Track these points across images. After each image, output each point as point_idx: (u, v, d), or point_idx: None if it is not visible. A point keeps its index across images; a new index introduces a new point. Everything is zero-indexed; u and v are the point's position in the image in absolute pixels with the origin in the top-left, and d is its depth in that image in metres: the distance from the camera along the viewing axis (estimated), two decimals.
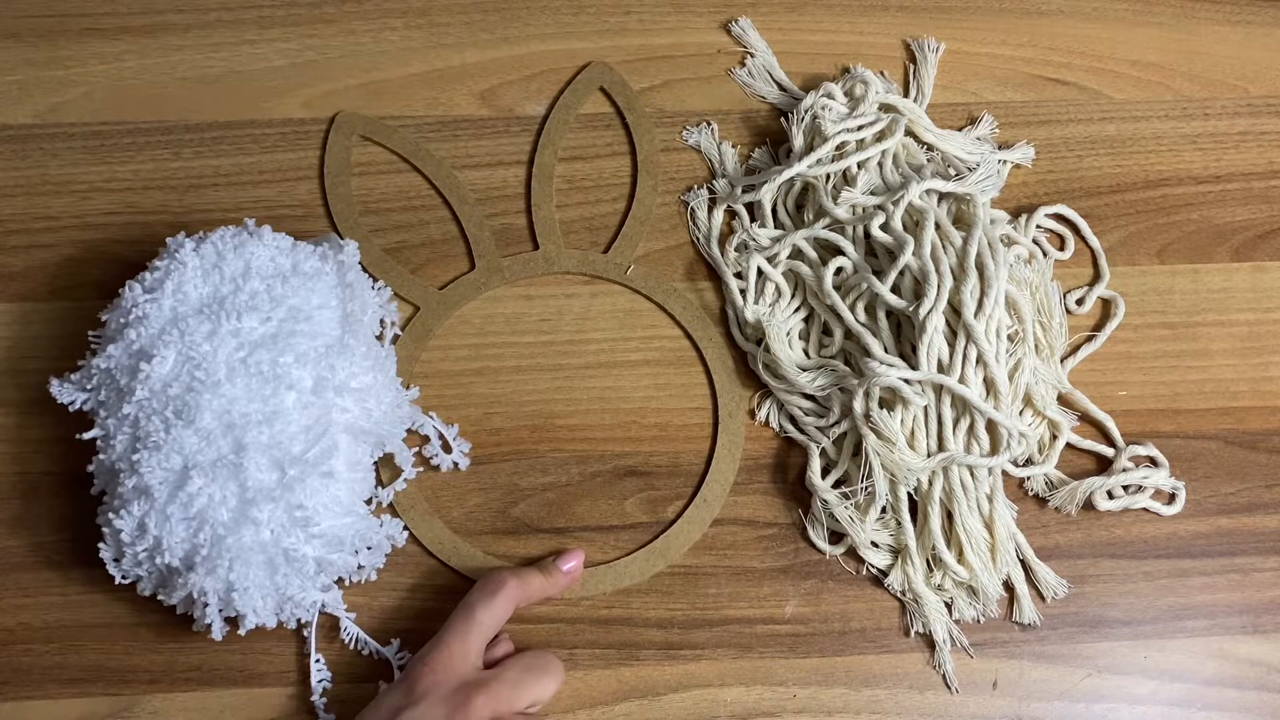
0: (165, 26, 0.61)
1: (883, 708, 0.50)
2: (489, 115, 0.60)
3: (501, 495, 0.53)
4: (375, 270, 0.56)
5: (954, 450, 0.51)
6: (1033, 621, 0.51)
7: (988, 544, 0.51)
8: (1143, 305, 0.58)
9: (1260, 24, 0.64)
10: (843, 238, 0.55)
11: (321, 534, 0.47)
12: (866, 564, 0.52)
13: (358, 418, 0.48)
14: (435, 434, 0.53)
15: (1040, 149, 0.61)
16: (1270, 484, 0.55)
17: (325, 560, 0.47)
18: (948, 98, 0.62)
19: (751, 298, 0.56)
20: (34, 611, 0.50)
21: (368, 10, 0.62)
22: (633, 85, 0.61)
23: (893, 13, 0.64)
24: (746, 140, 0.60)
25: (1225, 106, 0.62)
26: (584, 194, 0.59)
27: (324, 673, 0.49)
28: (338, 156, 0.58)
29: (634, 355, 0.56)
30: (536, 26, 0.62)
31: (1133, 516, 0.54)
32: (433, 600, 0.51)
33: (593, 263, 0.57)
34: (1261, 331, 0.58)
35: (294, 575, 0.46)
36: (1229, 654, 0.51)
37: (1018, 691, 0.50)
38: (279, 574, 0.46)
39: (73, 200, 0.57)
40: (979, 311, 0.51)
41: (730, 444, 0.54)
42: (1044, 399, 0.54)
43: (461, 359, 0.55)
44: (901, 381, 0.50)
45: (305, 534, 0.46)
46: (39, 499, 0.51)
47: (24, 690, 0.49)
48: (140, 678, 0.49)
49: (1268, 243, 0.59)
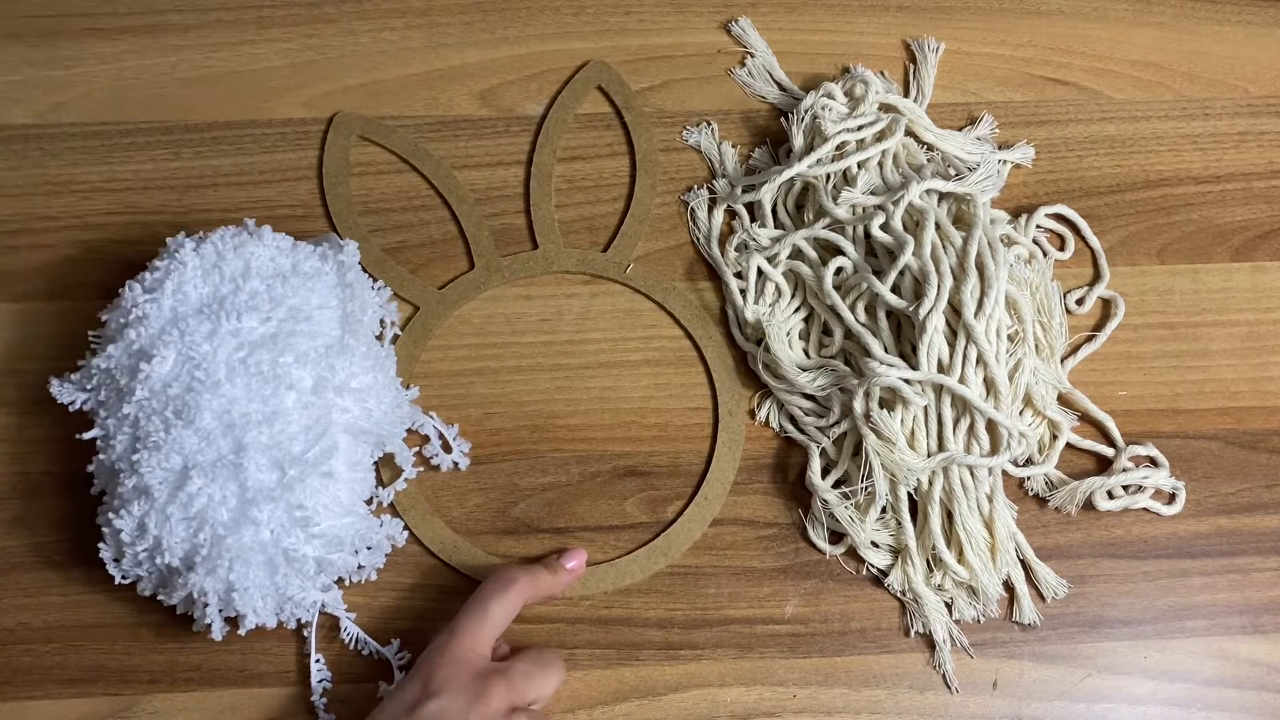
0: (165, 26, 0.61)
1: (883, 708, 0.50)
2: (489, 115, 0.60)
3: (501, 495, 0.53)
4: (375, 270, 0.56)
5: (954, 450, 0.51)
6: (1033, 621, 0.51)
7: (988, 544, 0.51)
8: (1143, 305, 0.58)
9: (1260, 24, 0.64)
10: (843, 238, 0.55)
11: (321, 534, 0.47)
12: (866, 564, 0.52)
13: (358, 418, 0.48)
14: (435, 434, 0.53)
15: (1040, 149, 0.61)
16: (1270, 484, 0.55)
17: (325, 560, 0.47)
18: (948, 98, 0.62)
19: (751, 298, 0.56)
20: (34, 611, 0.50)
21: (368, 10, 0.62)
22: (633, 85, 0.61)
23: (893, 13, 0.64)
24: (746, 140, 0.60)
25: (1225, 106, 0.62)
26: (584, 194, 0.59)
27: (324, 673, 0.49)
28: (336, 157, 0.58)
29: (634, 355, 0.56)
30: (536, 26, 0.62)
31: (1133, 516, 0.54)
32: (433, 600, 0.51)
33: (592, 261, 0.57)
34: (1261, 331, 0.58)
35: (294, 575, 0.46)
36: (1229, 654, 0.51)
37: (1018, 691, 0.50)
38: (279, 574, 0.46)
39: (73, 200, 0.57)
40: (979, 311, 0.51)
41: (730, 442, 0.54)
42: (1044, 399, 0.54)
43: (461, 359, 0.55)
44: (901, 381, 0.50)
45: (305, 534, 0.46)
46: (39, 499, 0.51)
47: (24, 690, 0.49)
48: (140, 678, 0.49)
49: (1268, 243, 0.59)
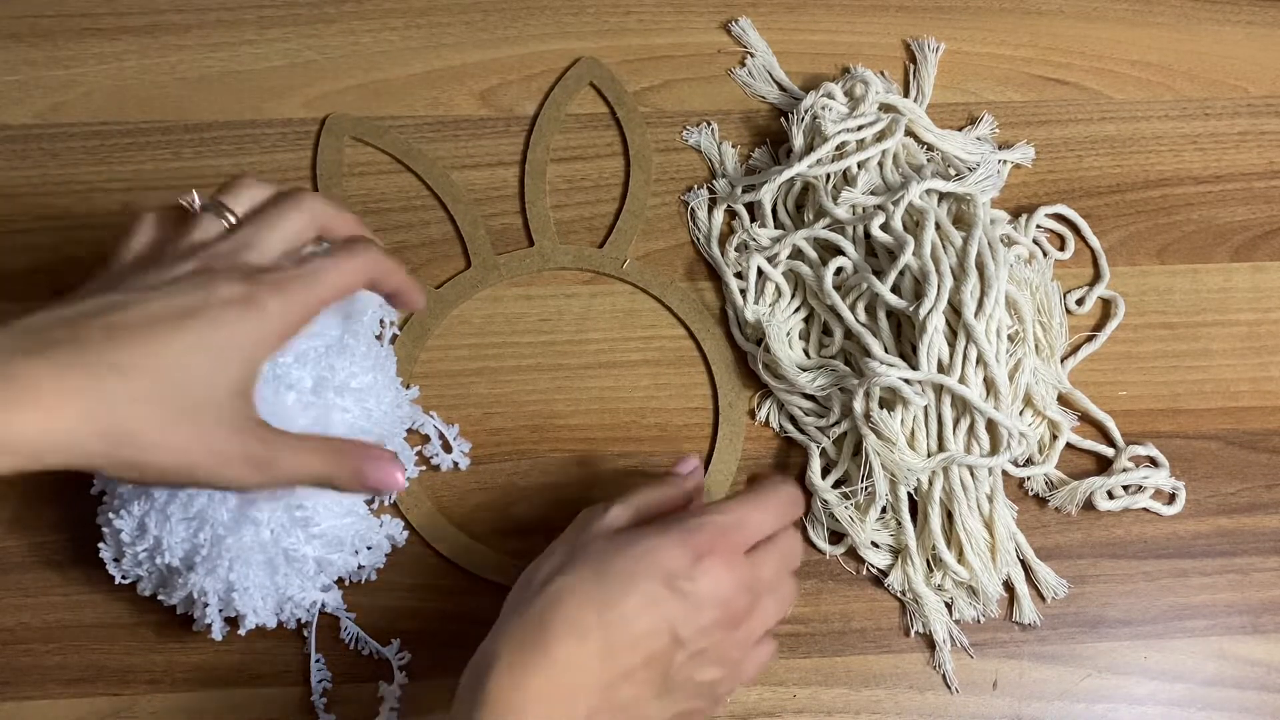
0: (165, 26, 0.61)
1: (883, 708, 0.50)
2: (489, 115, 0.60)
3: (501, 495, 0.53)
4: None
5: (954, 450, 0.51)
6: (1033, 621, 0.51)
7: (988, 544, 0.51)
8: (1143, 305, 0.58)
9: (1260, 24, 0.64)
10: (843, 238, 0.55)
11: (321, 534, 0.47)
12: (866, 564, 0.52)
13: (358, 418, 0.48)
14: (435, 434, 0.53)
15: (1040, 149, 0.61)
16: (1270, 484, 0.55)
17: (325, 560, 0.47)
18: (948, 98, 0.62)
19: (751, 298, 0.56)
20: (34, 611, 0.50)
21: (368, 10, 0.62)
22: (633, 85, 0.61)
23: (893, 13, 0.64)
24: (746, 140, 0.60)
25: (1225, 106, 0.62)
26: (584, 194, 0.59)
27: (324, 672, 0.49)
28: (329, 159, 0.58)
29: (634, 355, 0.56)
30: (536, 26, 0.62)
31: (1133, 516, 0.54)
32: (433, 600, 0.51)
33: (589, 257, 0.57)
34: (1261, 331, 0.58)
35: (294, 575, 0.46)
36: (1229, 654, 0.51)
37: (1018, 691, 0.50)
38: (279, 574, 0.46)
39: (73, 200, 0.57)
40: (979, 311, 0.51)
41: (731, 434, 0.54)
42: (1044, 399, 0.54)
43: (461, 359, 0.55)
44: (901, 381, 0.50)
45: (305, 534, 0.46)
46: (39, 499, 0.51)
47: (24, 690, 0.49)
48: (140, 678, 0.49)
49: (1268, 243, 0.59)
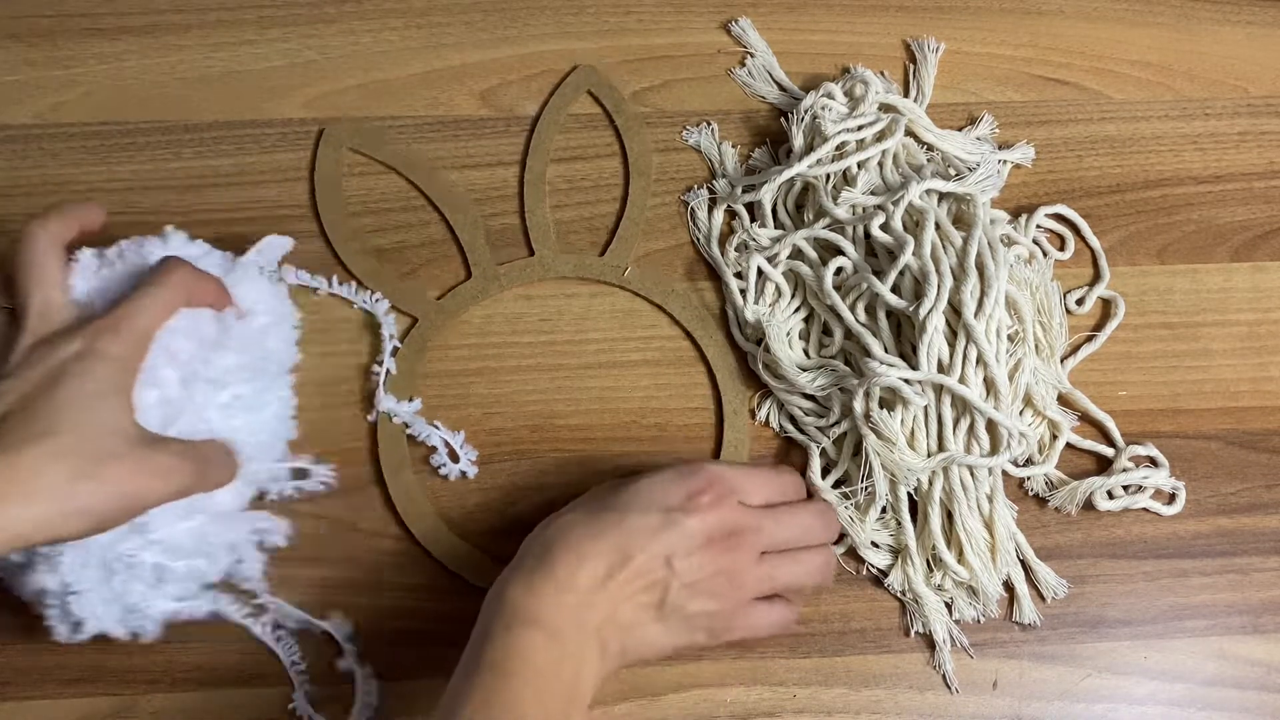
0: (165, 26, 0.61)
1: (883, 708, 0.50)
2: (489, 115, 0.60)
3: (501, 495, 0.53)
4: (371, 282, 0.55)
5: (954, 450, 0.51)
6: (1033, 621, 0.51)
7: (988, 544, 0.51)
8: (1143, 305, 0.58)
9: (1260, 24, 0.64)
10: (843, 238, 0.55)
11: (160, 540, 0.45)
12: (866, 564, 0.52)
13: (233, 413, 0.47)
14: (441, 443, 0.53)
15: (1040, 149, 0.61)
16: (1270, 484, 0.55)
17: (164, 567, 0.46)
18: (948, 98, 0.62)
19: (751, 298, 0.56)
20: (34, 611, 0.50)
21: (368, 10, 0.62)
22: (633, 85, 0.61)
23: (893, 13, 0.63)
24: (746, 140, 0.60)
25: (1225, 106, 0.62)
26: (584, 194, 0.59)
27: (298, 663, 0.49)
28: (327, 171, 0.58)
29: (634, 355, 0.56)
30: (536, 26, 0.62)
31: (1133, 516, 0.54)
32: (432, 600, 0.51)
33: (589, 266, 0.57)
34: (1261, 331, 0.58)
35: (134, 581, 0.45)
36: (1229, 654, 0.51)
37: (1018, 691, 0.50)
38: (116, 579, 0.45)
39: (73, 200, 0.57)
40: (979, 311, 0.51)
41: (736, 441, 0.54)
42: (1044, 399, 0.54)
43: (461, 360, 0.55)
44: (901, 381, 0.50)
45: (143, 539, 0.45)
46: None
47: (24, 690, 0.49)
48: (140, 678, 0.49)
49: (1268, 243, 0.59)
